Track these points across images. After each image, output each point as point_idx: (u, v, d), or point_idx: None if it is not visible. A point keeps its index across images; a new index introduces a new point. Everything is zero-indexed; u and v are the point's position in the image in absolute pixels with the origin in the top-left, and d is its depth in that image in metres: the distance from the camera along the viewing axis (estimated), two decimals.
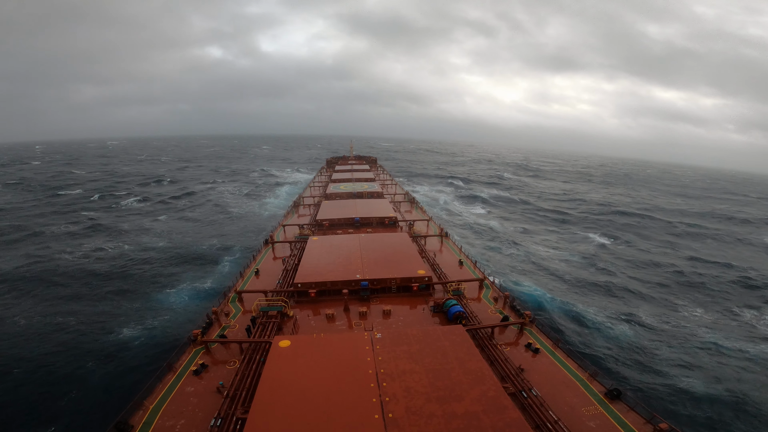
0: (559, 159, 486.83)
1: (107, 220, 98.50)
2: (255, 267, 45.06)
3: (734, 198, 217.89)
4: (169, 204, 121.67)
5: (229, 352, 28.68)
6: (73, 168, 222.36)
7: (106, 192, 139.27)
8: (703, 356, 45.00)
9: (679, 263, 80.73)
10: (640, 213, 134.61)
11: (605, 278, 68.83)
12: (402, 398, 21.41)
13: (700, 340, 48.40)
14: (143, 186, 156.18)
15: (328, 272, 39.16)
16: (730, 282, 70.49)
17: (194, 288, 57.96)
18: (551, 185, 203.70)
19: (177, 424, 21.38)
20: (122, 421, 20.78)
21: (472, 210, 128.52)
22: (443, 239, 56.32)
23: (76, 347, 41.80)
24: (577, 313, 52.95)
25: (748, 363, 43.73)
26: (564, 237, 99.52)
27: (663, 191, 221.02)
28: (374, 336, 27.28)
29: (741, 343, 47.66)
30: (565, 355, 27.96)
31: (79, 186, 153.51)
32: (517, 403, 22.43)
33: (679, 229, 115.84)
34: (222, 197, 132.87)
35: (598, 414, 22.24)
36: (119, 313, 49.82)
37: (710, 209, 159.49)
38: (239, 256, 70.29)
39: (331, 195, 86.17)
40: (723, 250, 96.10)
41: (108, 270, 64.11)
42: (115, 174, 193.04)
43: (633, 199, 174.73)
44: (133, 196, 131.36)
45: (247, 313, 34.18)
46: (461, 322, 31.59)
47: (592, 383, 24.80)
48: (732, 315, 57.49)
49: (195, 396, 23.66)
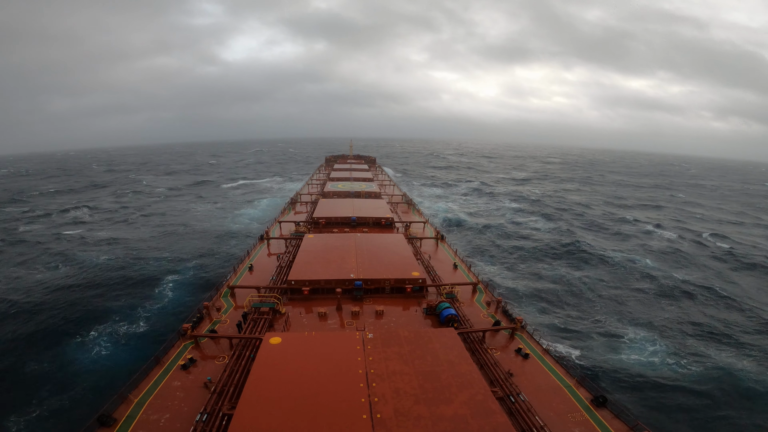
0: (555, 154, 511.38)
1: (38, 237, 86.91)
2: (249, 262, 44.88)
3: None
4: (113, 216, 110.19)
5: (219, 348, 28.53)
6: (34, 180, 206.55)
7: (56, 206, 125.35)
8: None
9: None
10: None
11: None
12: (391, 399, 21.38)
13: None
14: (75, 199, 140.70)
15: (323, 270, 39.08)
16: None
17: (116, 336, 44.24)
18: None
19: (162, 418, 21.21)
20: (105, 414, 20.57)
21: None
22: (439, 242, 56.39)
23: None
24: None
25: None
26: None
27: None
28: (366, 336, 27.24)
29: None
30: (554, 360, 28.07)
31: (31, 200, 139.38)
32: (504, 407, 22.48)
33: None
34: (187, 206, 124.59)
35: (583, 420, 22.32)
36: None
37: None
38: (183, 292, 56.79)
39: (328, 193, 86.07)
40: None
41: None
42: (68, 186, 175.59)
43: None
44: (72, 210, 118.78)
45: (239, 309, 34.04)
46: (453, 325, 31.62)
47: (579, 390, 24.91)
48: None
49: (181, 390, 23.50)
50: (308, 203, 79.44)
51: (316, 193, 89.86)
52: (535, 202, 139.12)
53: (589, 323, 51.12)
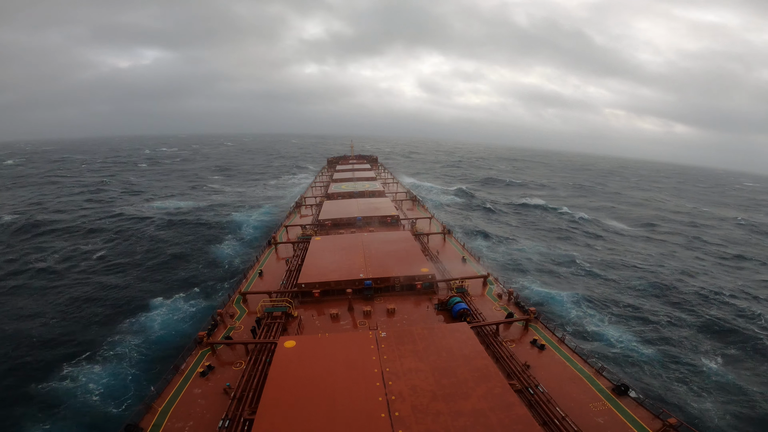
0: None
1: None
2: (258, 268, 45.14)
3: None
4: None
5: (235, 354, 28.76)
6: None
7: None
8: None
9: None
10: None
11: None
12: (408, 396, 21.40)
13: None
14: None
15: (332, 272, 39.16)
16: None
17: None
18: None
19: (186, 425, 21.48)
20: (132, 424, 20.89)
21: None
22: (446, 237, 56.21)
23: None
24: None
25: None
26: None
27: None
28: (379, 335, 27.27)
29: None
30: (571, 350, 27.88)
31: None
32: (523, 399, 22.40)
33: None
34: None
35: (605, 410, 22.15)
36: None
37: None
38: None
39: (332, 195, 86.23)
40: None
41: None
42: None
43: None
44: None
45: (251, 315, 34.26)
46: (466, 319, 31.55)
47: (599, 379, 24.72)
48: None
49: (202, 397, 23.75)
50: (313, 206, 79.65)
51: (321, 196, 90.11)
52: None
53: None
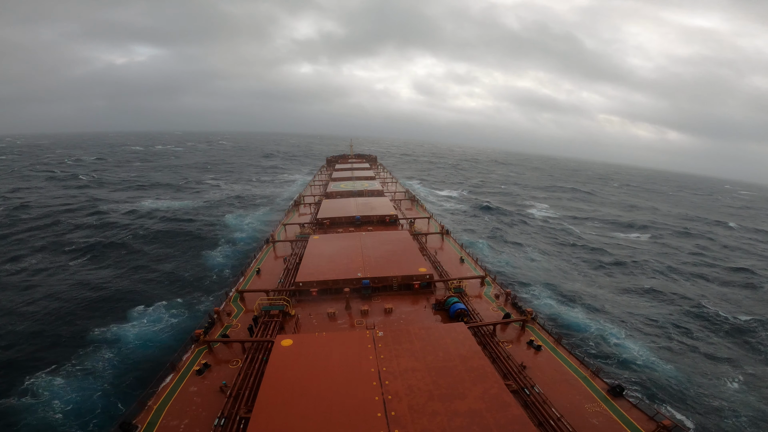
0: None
1: None
2: (256, 266, 45.06)
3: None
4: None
5: (232, 352, 28.72)
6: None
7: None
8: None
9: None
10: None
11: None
12: (404, 396, 21.42)
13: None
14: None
15: (330, 271, 39.15)
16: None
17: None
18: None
19: (181, 423, 21.42)
20: (126, 422, 20.84)
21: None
22: (444, 237, 56.28)
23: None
24: None
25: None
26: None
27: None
28: (376, 334, 27.28)
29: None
30: (567, 352, 27.96)
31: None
32: (519, 400, 22.44)
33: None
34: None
35: (601, 411, 22.23)
36: None
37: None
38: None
39: (331, 194, 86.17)
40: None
41: None
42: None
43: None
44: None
45: (249, 313, 34.21)
46: (463, 319, 31.59)
47: (595, 380, 24.80)
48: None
49: (198, 395, 23.70)
50: (312, 204, 79.63)
51: (319, 194, 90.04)
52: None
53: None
